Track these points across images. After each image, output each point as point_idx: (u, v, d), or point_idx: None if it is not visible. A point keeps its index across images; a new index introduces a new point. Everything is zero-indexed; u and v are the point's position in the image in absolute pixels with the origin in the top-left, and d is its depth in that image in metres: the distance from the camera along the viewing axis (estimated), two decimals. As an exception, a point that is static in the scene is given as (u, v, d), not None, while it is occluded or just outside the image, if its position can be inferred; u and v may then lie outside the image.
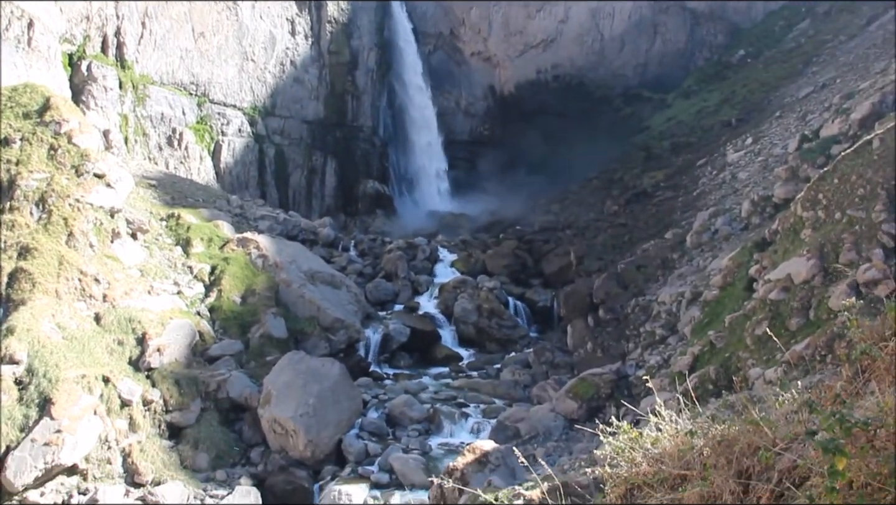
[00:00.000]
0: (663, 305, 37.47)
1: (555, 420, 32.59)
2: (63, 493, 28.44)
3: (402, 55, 77.50)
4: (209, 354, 36.01)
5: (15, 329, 30.60)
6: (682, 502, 5.29)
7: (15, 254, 33.71)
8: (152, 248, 41.11)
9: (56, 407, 28.48)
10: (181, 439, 32.04)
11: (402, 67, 77.49)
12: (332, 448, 32.68)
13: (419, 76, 77.75)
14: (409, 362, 42.67)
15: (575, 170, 68.03)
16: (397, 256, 51.72)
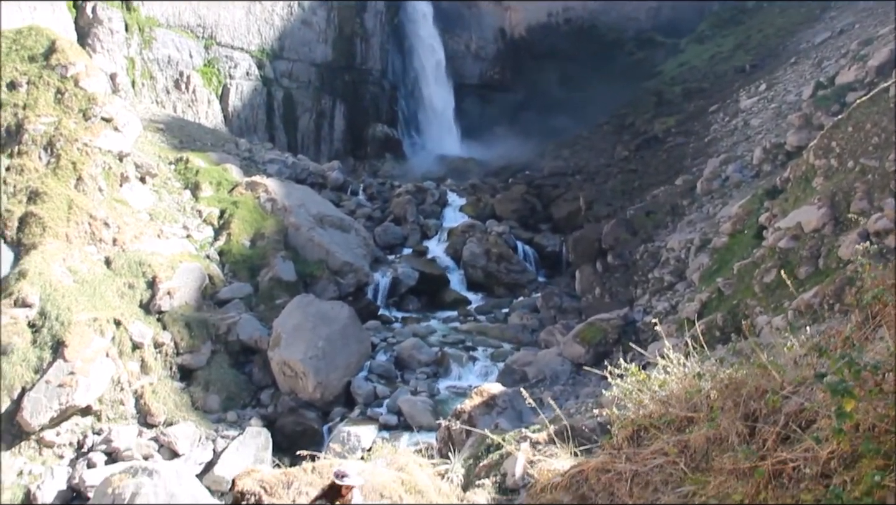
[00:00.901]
0: (672, 252, 37.39)
1: (562, 364, 32.78)
2: (78, 433, 28.90)
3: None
4: (219, 297, 36.23)
5: (27, 273, 30.79)
6: (689, 444, 5.32)
7: (24, 198, 33.77)
8: (161, 192, 41.10)
9: (69, 349, 28.79)
10: (192, 381, 32.41)
11: (412, 10, 76.41)
12: (341, 390, 33.03)
13: (429, 19, 76.69)
14: (418, 306, 42.83)
15: (586, 115, 67.41)
16: (406, 199, 51.61)
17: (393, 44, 76.02)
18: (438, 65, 76.53)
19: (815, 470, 4.29)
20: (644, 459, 5.41)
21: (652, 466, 5.30)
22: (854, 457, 4.13)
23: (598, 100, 68.35)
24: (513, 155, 66.58)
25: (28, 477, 27.17)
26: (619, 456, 5.58)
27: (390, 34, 75.68)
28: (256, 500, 9.45)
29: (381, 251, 46.39)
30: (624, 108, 65.96)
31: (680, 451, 5.34)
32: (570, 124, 67.62)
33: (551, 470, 6.30)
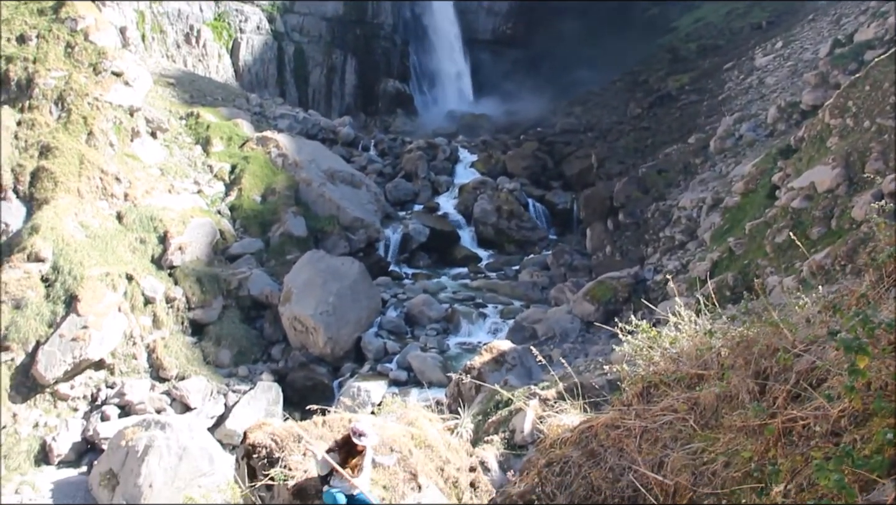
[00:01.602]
0: (684, 211, 37.22)
1: (572, 322, 32.85)
2: (91, 386, 29.22)
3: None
4: (230, 253, 36.37)
5: (39, 228, 30.91)
6: (699, 401, 5.32)
7: (36, 153, 33.78)
8: (172, 147, 41.05)
9: (82, 304, 29.00)
10: (203, 336, 32.66)
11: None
12: (352, 346, 33.25)
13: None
14: (428, 262, 42.89)
15: (599, 71, 66.70)
16: (417, 155, 51.42)
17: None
18: (450, 20, 75.70)
19: (825, 428, 4.28)
20: (653, 416, 5.42)
21: (661, 423, 5.31)
22: (865, 415, 4.11)
23: (611, 56, 67.55)
24: (525, 111, 66.12)
25: (44, 429, 27.55)
26: (629, 412, 5.59)
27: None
28: (267, 452, 9.53)
29: (392, 207, 46.36)
30: (637, 64, 65.26)
31: (689, 408, 5.34)
32: (582, 81, 66.95)
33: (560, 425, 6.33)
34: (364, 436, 8.63)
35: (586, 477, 5.26)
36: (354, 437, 8.61)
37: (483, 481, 10.67)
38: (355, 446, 8.65)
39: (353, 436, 8.62)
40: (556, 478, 5.44)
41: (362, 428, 8.71)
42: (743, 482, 4.38)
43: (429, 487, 9.38)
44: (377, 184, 47.61)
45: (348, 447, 8.67)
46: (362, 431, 8.66)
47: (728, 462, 4.61)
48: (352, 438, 8.64)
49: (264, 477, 9.29)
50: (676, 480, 4.75)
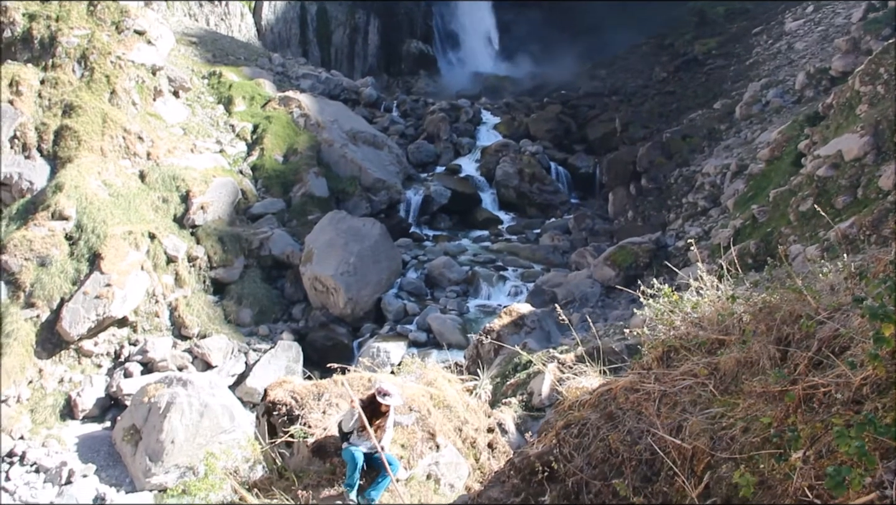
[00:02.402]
0: (707, 177, 36.89)
1: (592, 287, 32.79)
2: (115, 343, 29.57)
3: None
4: (251, 213, 36.50)
5: (63, 186, 31.11)
6: (719, 366, 5.30)
7: (59, 111, 33.89)
8: (194, 107, 41.06)
9: (105, 262, 29.25)
10: (225, 295, 32.90)
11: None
12: (372, 306, 33.40)
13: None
14: (449, 224, 42.85)
15: (624, 34, 65.86)
16: (440, 117, 51.18)
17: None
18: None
19: (846, 395, 4.26)
20: (673, 380, 5.41)
21: (681, 387, 5.30)
22: (888, 383, 4.08)
23: (637, 19, 66.67)
24: (549, 74, 65.55)
25: (69, 384, 27.95)
26: (648, 376, 5.58)
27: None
28: (287, 410, 9.62)
29: (414, 169, 46.29)
30: (663, 28, 64.37)
31: (710, 373, 5.33)
32: (608, 44, 66.17)
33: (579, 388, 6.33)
34: (389, 396, 8.66)
35: (604, 439, 5.27)
36: (379, 396, 8.65)
37: (501, 442, 10.73)
38: (380, 406, 8.69)
39: (378, 395, 8.65)
40: (573, 439, 5.45)
41: (387, 388, 8.73)
42: (761, 448, 4.37)
43: (447, 446, 9.45)
44: (399, 145, 47.50)
45: (373, 407, 8.71)
46: (387, 391, 8.68)
47: (747, 427, 4.60)
48: (377, 398, 8.69)
49: (284, 434, 9.38)
50: (695, 445, 4.75)
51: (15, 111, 33.03)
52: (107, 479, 24.78)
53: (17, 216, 31.07)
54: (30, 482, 24.40)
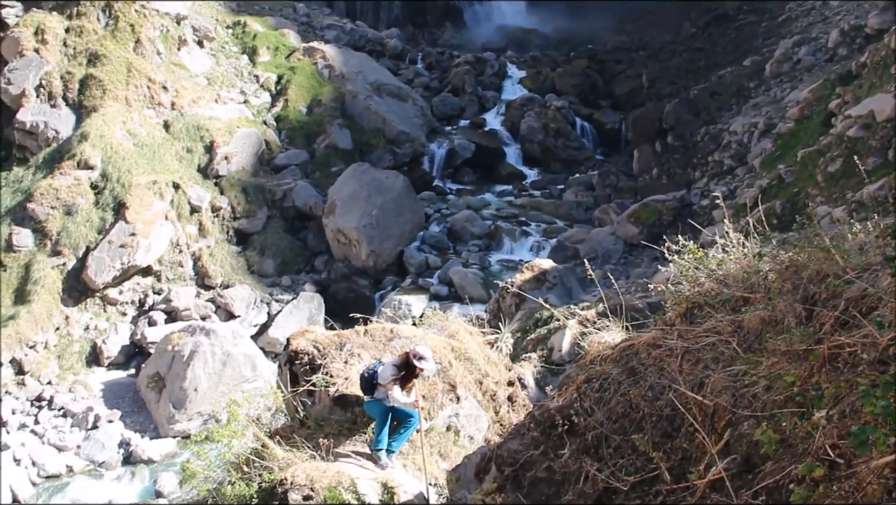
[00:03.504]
0: (734, 135, 36.44)
1: (614, 244, 32.69)
2: (139, 291, 29.91)
3: None
4: (275, 164, 36.53)
5: (88, 135, 31.24)
6: (743, 324, 5.27)
7: (84, 60, 33.92)
8: (219, 57, 40.94)
9: (130, 211, 29.46)
10: (248, 245, 33.10)
11: None
12: (394, 259, 33.51)
13: None
14: (473, 179, 42.64)
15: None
16: (465, 70, 50.71)
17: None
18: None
19: (872, 356, 4.22)
20: (696, 337, 5.38)
21: (703, 344, 5.28)
22: (916, 344, 4.05)
23: (667, -28, 65.40)
24: (575, 28, 64.52)
25: (94, 332, 28.36)
26: (671, 332, 5.56)
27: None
28: (310, 359, 9.71)
29: (438, 122, 46.01)
30: (694, -19, 63.10)
31: (733, 330, 5.30)
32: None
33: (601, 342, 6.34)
34: (424, 360, 8.62)
35: (625, 394, 5.27)
36: (415, 359, 8.61)
37: (520, 396, 10.80)
38: (413, 369, 8.70)
39: (414, 358, 8.62)
40: (594, 394, 5.46)
41: (423, 352, 8.69)
42: (784, 406, 4.36)
43: (467, 398, 9.52)
44: (423, 98, 47.17)
45: (407, 369, 8.71)
46: (422, 355, 8.64)
47: (770, 386, 4.59)
48: (411, 361, 8.65)
49: (306, 383, 9.48)
50: (716, 401, 4.75)
51: (41, 60, 33.11)
52: (132, 424, 25.26)
53: (43, 165, 31.30)
54: (57, 426, 24.92)
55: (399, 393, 8.62)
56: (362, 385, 9.01)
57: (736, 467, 4.39)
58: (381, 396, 8.76)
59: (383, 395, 8.73)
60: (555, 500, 5.20)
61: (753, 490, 4.15)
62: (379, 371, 8.80)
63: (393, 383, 8.60)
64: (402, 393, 8.63)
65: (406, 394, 8.67)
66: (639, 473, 4.81)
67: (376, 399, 8.82)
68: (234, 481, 8.11)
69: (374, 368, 8.96)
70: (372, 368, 8.96)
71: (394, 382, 8.60)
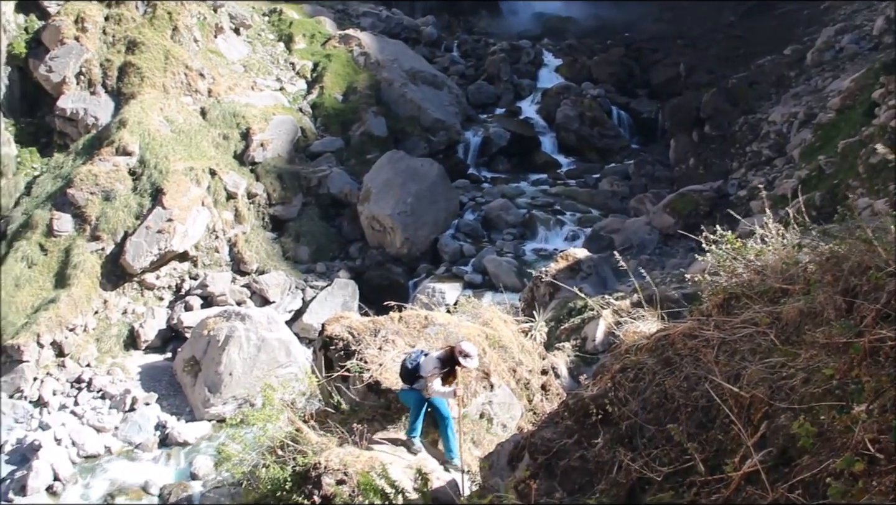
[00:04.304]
0: (773, 125, 35.92)
1: (650, 234, 32.45)
2: (176, 277, 30.26)
3: None
4: (311, 150, 36.70)
5: (127, 122, 31.60)
6: (781, 315, 5.21)
7: (123, 48, 34.30)
8: (255, 44, 41.18)
9: (167, 197, 29.77)
10: (283, 232, 33.32)
11: None
12: (428, 247, 33.55)
13: None
14: (508, 167, 42.52)
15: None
16: (501, 58, 50.54)
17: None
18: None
19: (915, 349, 4.15)
20: (733, 328, 5.33)
21: (740, 335, 5.22)
22: (959, 338, 3.97)
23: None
24: (612, 15, 63.97)
25: (132, 316, 28.75)
26: (708, 322, 5.50)
27: None
28: (344, 345, 9.75)
29: (474, 110, 45.93)
30: (734, -32, 62.22)
31: (771, 322, 5.23)
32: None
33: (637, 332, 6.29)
34: (470, 357, 8.60)
35: (660, 384, 5.23)
36: (461, 356, 8.58)
37: (554, 385, 10.79)
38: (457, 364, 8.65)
39: (460, 355, 8.59)
40: (629, 383, 5.43)
41: (469, 350, 8.65)
42: (822, 399, 4.30)
43: (500, 386, 9.52)
44: (459, 86, 47.11)
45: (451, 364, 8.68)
46: (469, 353, 8.61)
47: (808, 378, 4.53)
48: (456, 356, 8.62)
49: (340, 368, 9.53)
50: (753, 393, 4.69)
51: (81, 48, 33.54)
52: (168, 407, 25.60)
53: (83, 151, 31.74)
54: (96, 407, 25.34)
55: (438, 385, 8.60)
56: (403, 374, 8.99)
57: (772, 460, 4.34)
58: (420, 387, 8.77)
59: (422, 385, 8.74)
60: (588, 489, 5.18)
61: (789, 483, 4.10)
62: (422, 363, 8.78)
63: (434, 376, 8.59)
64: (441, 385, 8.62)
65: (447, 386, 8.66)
66: (673, 464, 4.77)
67: (414, 389, 8.83)
68: (269, 465, 8.20)
69: (416, 358, 8.92)
70: (415, 359, 8.91)
71: (436, 375, 8.58)
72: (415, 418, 8.82)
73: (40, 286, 27.72)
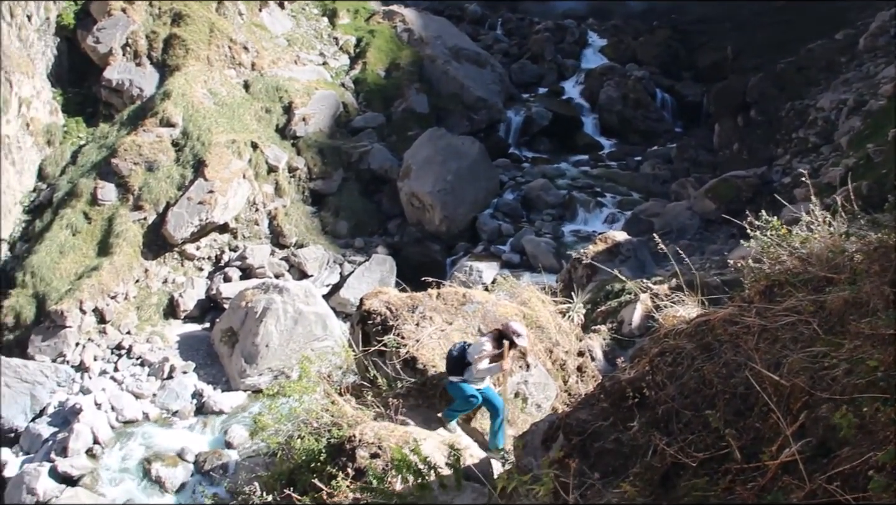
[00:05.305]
0: (821, 112, 35.22)
1: (690, 219, 32.10)
2: (216, 248, 30.56)
3: None
4: (352, 126, 36.75)
5: (171, 93, 31.88)
6: (825, 305, 5.13)
7: (169, 20, 34.56)
8: (299, 18, 41.24)
9: (209, 169, 30.01)
10: (323, 206, 33.46)
11: None
12: (467, 225, 33.53)
13: None
14: (549, 147, 42.24)
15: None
16: (545, 37, 50.13)
17: None
18: None
19: (963, 343, 4.07)
20: (775, 316, 5.26)
21: (782, 323, 5.15)
22: None
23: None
24: (660, -4, 63.04)
25: (172, 285, 29.12)
26: (749, 309, 5.44)
27: None
28: (382, 320, 9.79)
29: (516, 89, 45.65)
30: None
31: (814, 311, 5.16)
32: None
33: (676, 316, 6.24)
34: (520, 336, 8.45)
35: (699, 370, 5.19)
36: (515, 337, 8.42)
37: (590, 367, 10.75)
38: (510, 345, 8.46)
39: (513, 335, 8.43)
40: (667, 368, 5.39)
41: (519, 329, 8.51)
42: (865, 390, 4.23)
43: (536, 366, 9.51)
44: (502, 64, 46.81)
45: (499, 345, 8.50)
46: (519, 332, 8.46)
47: (851, 369, 4.46)
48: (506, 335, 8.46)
49: (377, 343, 9.57)
50: (793, 382, 4.63)
51: (127, 19, 33.87)
52: (205, 376, 25.94)
53: (127, 122, 32.09)
54: (135, 374, 25.76)
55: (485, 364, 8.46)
56: (449, 364, 8.78)
57: (810, 451, 4.29)
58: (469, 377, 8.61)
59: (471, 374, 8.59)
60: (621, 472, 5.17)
61: (828, 475, 4.05)
62: (468, 349, 8.61)
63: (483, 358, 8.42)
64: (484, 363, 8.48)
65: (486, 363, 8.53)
66: (708, 450, 4.74)
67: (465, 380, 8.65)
68: (304, 436, 8.27)
69: (461, 346, 8.76)
70: (459, 348, 8.75)
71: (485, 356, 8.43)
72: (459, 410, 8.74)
73: (84, 254, 28.14)
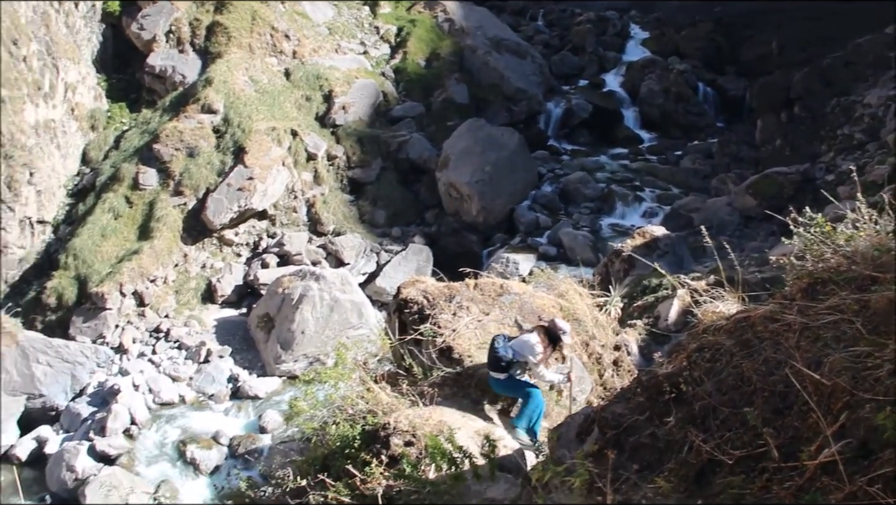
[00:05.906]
0: (868, 108, 34.59)
1: (730, 215, 31.74)
2: (254, 234, 30.84)
3: None
4: (391, 115, 36.81)
5: (213, 80, 32.16)
6: (870, 304, 5.05)
7: (212, 7, 34.88)
8: (340, 7, 41.35)
9: (248, 156, 30.26)
10: (361, 195, 33.58)
11: None
12: (504, 217, 33.46)
13: None
14: (588, 140, 41.98)
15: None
16: (586, 29, 49.82)
17: None
18: None
19: None
20: (817, 314, 5.18)
21: (825, 322, 5.08)
22: None
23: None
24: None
25: (210, 270, 29.44)
26: (791, 306, 5.36)
27: None
28: (419, 308, 9.81)
29: (556, 81, 45.41)
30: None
31: (858, 310, 5.07)
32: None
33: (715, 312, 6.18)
34: (566, 333, 8.46)
35: (737, 367, 5.14)
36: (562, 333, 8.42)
37: (626, 361, 10.69)
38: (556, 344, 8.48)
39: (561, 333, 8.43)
40: (705, 364, 5.34)
41: (564, 326, 8.51)
42: (910, 392, 4.17)
43: (572, 359, 9.47)
44: (542, 55, 46.58)
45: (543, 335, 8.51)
46: (564, 329, 8.46)
47: (895, 370, 4.39)
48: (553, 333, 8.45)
49: (414, 332, 9.59)
50: (834, 381, 4.57)
51: (171, 6, 34.24)
52: (241, 361, 26.21)
53: (169, 108, 32.45)
54: (173, 357, 26.10)
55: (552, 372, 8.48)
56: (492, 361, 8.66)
57: (851, 452, 4.23)
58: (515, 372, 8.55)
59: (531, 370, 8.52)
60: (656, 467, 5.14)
61: (869, 477, 3.99)
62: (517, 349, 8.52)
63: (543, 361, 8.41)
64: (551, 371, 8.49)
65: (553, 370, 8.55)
66: (745, 448, 4.69)
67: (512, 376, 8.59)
68: (339, 422, 8.32)
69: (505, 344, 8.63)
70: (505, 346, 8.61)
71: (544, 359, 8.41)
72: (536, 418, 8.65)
73: (125, 237, 28.53)
